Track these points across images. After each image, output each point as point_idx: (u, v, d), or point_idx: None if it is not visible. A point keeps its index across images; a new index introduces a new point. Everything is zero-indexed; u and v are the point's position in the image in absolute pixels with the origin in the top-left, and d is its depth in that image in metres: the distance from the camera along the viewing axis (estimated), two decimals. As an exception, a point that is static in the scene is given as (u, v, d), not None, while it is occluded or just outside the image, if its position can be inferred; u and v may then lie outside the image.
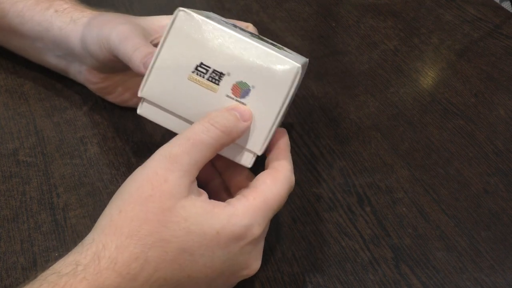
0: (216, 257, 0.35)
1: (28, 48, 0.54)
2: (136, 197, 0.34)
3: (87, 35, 0.48)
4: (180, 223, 0.34)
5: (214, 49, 0.38)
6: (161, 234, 0.33)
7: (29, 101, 0.54)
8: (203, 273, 0.35)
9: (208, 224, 0.34)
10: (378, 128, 0.55)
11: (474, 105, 0.58)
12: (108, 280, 0.32)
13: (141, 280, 0.33)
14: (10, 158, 0.49)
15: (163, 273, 0.33)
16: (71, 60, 0.52)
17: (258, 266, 0.38)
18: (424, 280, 0.42)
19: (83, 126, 0.52)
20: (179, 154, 0.35)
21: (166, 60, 0.38)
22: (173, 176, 0.34)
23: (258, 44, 0.38)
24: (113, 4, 0.69)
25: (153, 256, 0.33)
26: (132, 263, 0.32)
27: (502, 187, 0.49)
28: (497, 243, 0.45)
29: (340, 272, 0.42)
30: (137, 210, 0.34)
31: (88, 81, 0.52)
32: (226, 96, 0.38)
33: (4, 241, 0.42)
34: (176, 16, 0.38)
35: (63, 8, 0.51)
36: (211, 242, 0.34)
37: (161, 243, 0.33)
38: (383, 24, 0.69)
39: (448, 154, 0.52)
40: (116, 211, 0.34)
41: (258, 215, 0.36)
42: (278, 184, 0.37)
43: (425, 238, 0.45)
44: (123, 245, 0.33)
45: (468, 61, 0.63)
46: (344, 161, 0.51)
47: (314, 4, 0.72)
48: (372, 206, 0.47)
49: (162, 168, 0.35)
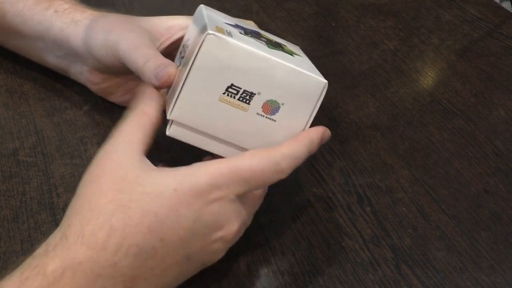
0: (182, 216, 0.35)
1: (29, 47, 0.54)
2: (89, 179, 0.36)
3: (91, 38, 0.48)
4: (135, 187, 0.35)
5: (244, 69, 0.38)
6: (120, 200, 0.34)
7: (29, 101, 0.54)
8: (175, 235, 0.35)
9: (164, 183, 0.35)
10: (378, 128, 0.55)
11: (474, 105, 0.58)
12: (78, 253, 0.32)
13: (112, 249, 0.33)
14: (10, 158, 0.49)
15: (133, 240, 0.34)
16: (72, 60, 0.52)
17: (234, 229, 0.37)
18: (424, 280, 0.42)
19: (83, 126, 0.52)
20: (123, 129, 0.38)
21: (195, 82, 0.38)
22: (116, 154, 0.36)
23: (284, 62, 0.39)
24: (113, 4, 0.69)
25: (117, 223, 0.34)
26: (97, 233, 0.33)
27: (502, 187, 0.49)
28: (497, 243, 0.45)
29: (340, 272, 0.42)
30: (91, 188, 0.35)
31: (89, 82, 0.52)
32: (257, 114, 0.39)
33: (4, 241, 0.42)
34: (205, 38, 0.37)
35: (63, 9, 0.51)
36: (170, 200, 0.35)
37: (122, 209, 0.34)
38: (383, 24, 0.69)
39: (448, 154, 0.52)
40: (75, 197, 0.36)
41: (220, 178, 0.36)
42: (254, 158, 0.37)
43: (425, 238, 0.45)
44: (86, 218, 0.34)
45: (468, 61, 0.63)
46: (344, 161, 0.51)
47: (314, 4, 0.72)
48: (372, 206, 0.47)
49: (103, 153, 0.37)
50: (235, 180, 0.36)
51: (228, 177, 0.36)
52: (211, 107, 0.39)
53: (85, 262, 0.32)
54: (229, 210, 0.37)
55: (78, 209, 0.35)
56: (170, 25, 0.48)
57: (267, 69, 0.38)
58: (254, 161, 0.37)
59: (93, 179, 0.36)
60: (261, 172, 0.37)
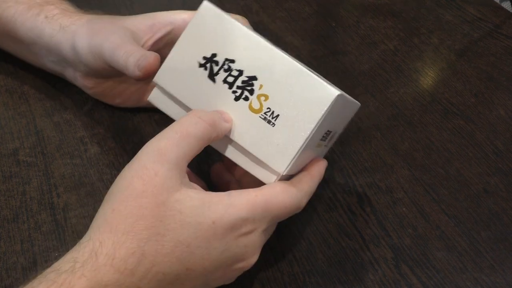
0: (212, 248, 0.35)
1: (25, 52, 0.54)
2: (128, 194, 0.34)
3: (78, 44, 0.48)
4: (175, 216, 0.34)
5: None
6: (156, 228, 0.33)
7: (29, 101, 0.54)
8: (200, 265, 0.35)
9: (204, 215, 0.34)
10: (378, 128, 0.55)
11: (474, 105, 0.58)
12: (106, 276, 0.32)
13: (139, 275, 0.33)
14: (10, 158, 0.49)
15: (161, 267, 0.33)
16: (65, 65, 0.52)
17: (254, 260, 0.38)
18: (424, 280, 0.42)
19: (83, 126, 0.52)
20: (167, 147, 0.35)
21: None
22: (163, 169, 0.34)
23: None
24: (114, 4, 0.69)
25: (149, 250, 0.33)
26: (129, 258, 0.33)
27: (502, 187, 0.49)
28: (497, 243, 0.45)
29: (340, 272, 0.42)
30: (130, 207, 0.34)
31: (83, 86, 0.52)
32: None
33: (4, 241, 0.42)
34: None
35: (52, 14, 0.51)
36: (206, 232, 0.34)
37: (157, 237, 0.33)
38: (383, 24, 0.69)
39: (448, 154, 0.52)
40: (110, 209, 0.34)
41: (256, 211, 0.36)
42: (286, 195, 0.37)
43: (425, 238, 0.45)
44: (120, 241, 0.33)
45: (468, 61, 0.63)
46: (344, 161, 0.51)
47: (314, 4, 0.72)
48: (372, 206, 0.47)
49: (151, 162, 0.35)
50: (267, 215, 0.37)
51: (262, 211, 0.36)
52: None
53: (110, 285, 0.32)
54: (255, 243, 0.37)
55: (113, 227, 0.33)
56: (152, 23, 0.48)
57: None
58: (287, 197, 0.37)
59: (133, 196, 0.34)
60: (290, 209, 0.38)
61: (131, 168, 0.35)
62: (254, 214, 0.36)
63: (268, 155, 0.38)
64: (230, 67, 0.37)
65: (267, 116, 0.38)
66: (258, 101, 0.38)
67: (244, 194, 0.36)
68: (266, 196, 0.36)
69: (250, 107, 0.38)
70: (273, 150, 0.38)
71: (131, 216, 0.34)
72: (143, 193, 0.34)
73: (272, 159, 0.38)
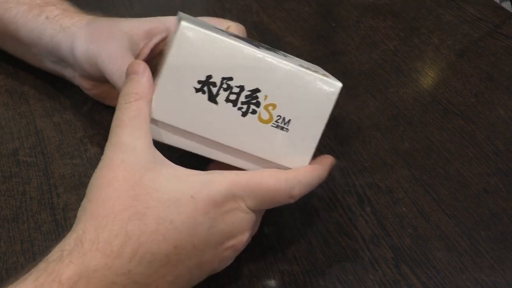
0: (198, 223, 0.35)
1: (25, 52, 0.54)
2: (101, 183, 0.35)
3: (76, 49, 0.48)
4: (152, 194, 0.34)
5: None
6: (135, 207, 0.34)
7: (29, 101, 0.54)
8: (189, 243, 0.35)
9: (181, 190, 0.35)
10: (378, 128, 0.55)
11: (474, 105, 0.58)
12: (93, 260, 0.32)
13: (127, 256, 0.33)
14: (10, 158, 0.49)
15: (148, 247, 0.33)
16: (65, 66, 0.52)
17: (245, 238, 0.38)
18: (424, 280, 0.42)
19: (83, 126, 0.52)
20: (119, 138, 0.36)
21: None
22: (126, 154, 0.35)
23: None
24: (113, 4, 0.69)
25: (132, 230, 0.33)
26: (113, 240, 0.33)
27: (502, 187, 0.49)
28: (497, 243, 0.45)
29: (340, 272, 0.42)
30: (105, 192, 0.34)
31: (82, 87, 0.53)
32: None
33: (4, 241, 0.42)
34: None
35: (53, 15, 0.51)
36: (187, 207, 0.34)
37: (137, 216, 0.33)
38: (383, 24, 0.69)
39: (448, 154, 0.52)
40: (87, 201, 0.35)
41: (237, 188, 0.36)
42: (273, 178, 0.37)
43: (425, 238, 0.45)
44: (101, 224, 0.33)
45: (468, 61, 0.63)
46: (344, 161, 0.51)
47: (314, 4, 0.72)
48: (372, 206, 0.47)
49: (111, 153, 0.35)
50: (250, 194, 0.37)
51: (244, 190, 0.36)
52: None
53: (100, 270, 0.32)
54: (242, 220, 0.37)
55: (93, 214, 0.34)
56: (149, 28, 0.48)
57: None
58: (272, 180, 0.37)
59: (107, 183, 0.34)
60: (276, 192, 0.37)
61: (98, 165, 0.36)
62: (234, 191, 0.36)
63: (289, 159, 0.39)
64: (230, 85, 0.37)
65: (279, 123, 0.38)
66: (266, 111, 0.38)
67: (226, 173, 0.36)
68: (248, 176, 0.37)
69: (260, 119, 0.38)
70: (292, 152, 0.39)
71: (108, 200, 0.34)
72: (114, 178, 0.34)
73: (293, 160, 0.39)
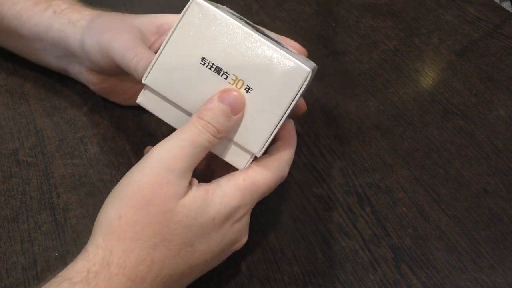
0: (212, 240, 0.36)
1: (27, 49, 0.54)
2: (136, 201, 0.34)
3: (86, 40, 0.48)
4: (182, 221, 0.35)
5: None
6: (164, 234, 0.34)
7: (29, 101, 0.54)
8: (203, 260, 0.36)
9: (206, 213, 0.36)
10: (378, 128, 0.55)
11: (474, 105, 0.58)
12: (119, 285, 0.33)
13: (149, 281, 0.34)
14: (10, 158, 0.49)
15: (168, 270, 0.35)
16: (71, 61, 0.52)
17: (246, 240, 0.39)
18: (424, 280, 0.42)
19: (83, 126, 0.52)
20: (179, 156, 0.35)
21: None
22: (174, 178, 0.35)
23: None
24: (113, 4, 0.69)
25: (158, 256, 0.34)
26: (139, 265, 0.33)
27: (502, 187, 0.49)
28: (497, 243, 0.45)
29: (340, 272, 0.42)
30: (138, 214, 0.34)
31: (88, 82, 0.53)
32: None
33: (4, 241, 0.42)
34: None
35: (61, 9, 0.51)
36: (207, 229, 0.36)
37: (164, 243, 0.34)
38: (383, 24, 0.69)
39: (448, 154, 0.52)
40: (116, 216, 0.34)
41: (246, 196, 0.37)
42: (270, 171, 0.38)
43: (425, 238, 0.45)
44: (129, 249, 0.33)
45: (468, 61, 0.63)
46: (344, 161, 0.51)
47: (314, 4, 0.72)
48: (372, 206, 0.47)
49: (163, 170, 0.35)
50: (256, 195, 0.38)
51: (251, 194, 0.37)
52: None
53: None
54: (245, 225, 0.39)
55: (121, 235, 0.34)
56: (160, 24, 0.48)
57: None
58: (269, 174, 0.38)
59: (142, 204, 0.34)
60: (275, 183, 0.39)
61: (142, 173, 0.35)
62: (245, 199, 0.37)
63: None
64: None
65: None
66: None
67: (232, 181, 0.37)
68: (253, 177, 0.37)
69: None
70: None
71: (139, 224, 0.34)
72: (152, 201, 0.34)
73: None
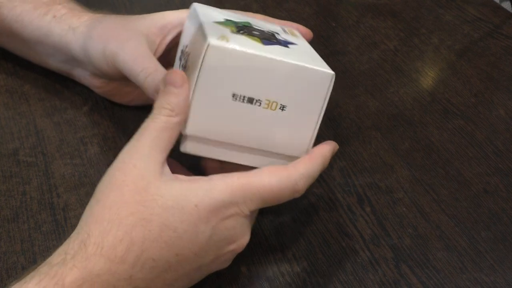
0: (200, 232, 0.35)
1: (30, 51, 0.54)
2: (111, 185, 0.35)
3: (90, 48, 0.48)
4: (157, 200, 0.34)
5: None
6: (141, 213, 0.34)
7: (29, 101, 0.54)
8: (190, 251, 0.35)
9: (185, 198, 0.35)
10: (378, 128, 0.55)
11: (474, 105, 0.58)
12: (97, 265, 0.32)
13: (130, 262, 0.33)
14: (10, 158, 0.49)
15: (150, 253, 0.34)
16: (74, 65, 0.52)
17: (245, 242, 0.38)
18: (424, 280, 0.42)
19: (83, 126, 0.52)
20: (138, 144, 0.37)
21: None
22: (139, 161, 0.36)
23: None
24: (114, 4, 0.69)
25: (137, 236, 0.33)
26: (117, 245, 0.33)
27: (502, 187, 0.49)
28: (497, 243, 0.45)
29: (340, 272, 0.42)
30: (113, 196, 0.35)
31: (92, 85, 0.53)
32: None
33: (4, 241, 0.42)
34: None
35: (61, 14, 0.51)
36: (191, 216, 0.35)
37: (142, 222, 0.34)
38: (383, 24, 0.69)
39: (448, 154, 0.52)
40: (94, 201, 0.35)
41: (237, 193, 0.36)
42: (273, 177, 0.37)
43: (425, 238, 0.45)
44: (106, 229, 0.33)
45: (468, 61, 0.63)
46: (344, 161, 0.51)
47: (314, 4, 0.72)
48: (372, 206, 0.47)
49: (127, 157, 0.36)
50: (252, 197, 0.36)
51: (245, 193, 0.36)
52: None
53: (103, 274, 0.32)
54: (243, 224, 0.37)
55: (98, 217, 0.34)
56: (163, 24, 0.48)
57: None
58: (273, 179, 0.37)
59: (115, 186, 0.35)
60: (279, 191, 0.37)
61: (112, 165, 0.36)
62: (235, 197, 0.36)
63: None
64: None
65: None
66: None
67: (226, 178, 0.36)
68: (248, 178, 0.37)
69: None
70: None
71: (115, 204, 0.34)
72: (124, 182, 0.35)
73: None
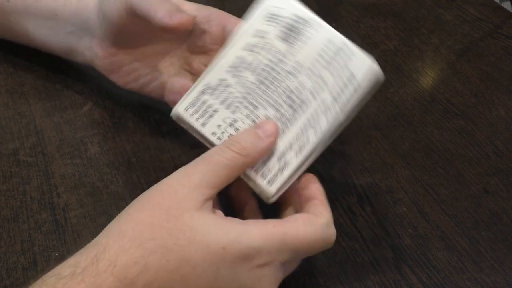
0: (220, 275, 0.33)
1: (37, 30, 0.53)
2: (145, 203, 0.34)
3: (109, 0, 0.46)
4: (185, 231, 0.33)
5: None
6: (164, 240, 0.33)
7: (29, 101, 0.54)
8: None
9: (215, 237, 0.33)
10: (378, 128, 0.55)
11: (474, 105, 0.58)
12: (105, 283, 0.31)
13: (139, 287, 0.32)
14: (11, 158, 0.49)
15: (162, 283, 0.32)
16: (82, 35, 0.50)
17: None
18: (424, 280, 0.42)
19: (83, 126, 0.52)
20: (192, 171, 0.35)
21: None
22: (184, 189, 0.34)
23: None
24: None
25: (153, 263, 0.32)
26: (131, 267, 0.32)
27: (502, 187, 0.49)
28: (497, 243, 0.45)
29: (340, 272, 0.42)
30: (143, 215, 0.34)
31: (96, 56, 0.50)
32: None
33: (5, 241, 0.42)
34: None
35: None
36: (215, 257, 0.33)
37: (163, 250, 0.32)
38: (383, 24, 0.69)
39: (448, 154, 0.52)
40: (125, 214, 0.34)
41: (272, 242, 0.34)
42: (310, 228, 0.35)
43: (425, 238, 0.45)
44: (124, 247, 0.32)
45: (468, 61, 0.63)
46: (344, 161, 0.51)
47: (314, 4, 0.72)
48: (372, 206, 0.47)
49: (174, 181, 0.35)
50: (286, 248, 0.35)
51: (279, 244, 0.34)
52: None
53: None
54: (271, 277, 0.35)
55: (121, 232, 0.33)
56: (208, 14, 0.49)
57: None
58: (310, 230, 0.35)
59: (149, 206, 0.34)
60: (314, 243, 0.36)
61: (158, 183, 0.35)
62: (269, 246, 0.34)
63: None
64: None
65: None
66: None
67: (261, 224, 0.35)
68: (285, 228, 0.35)
69: None
70: None
71: (142, 223, 0.33)
72: (159, 205, 0.34)
73: None
